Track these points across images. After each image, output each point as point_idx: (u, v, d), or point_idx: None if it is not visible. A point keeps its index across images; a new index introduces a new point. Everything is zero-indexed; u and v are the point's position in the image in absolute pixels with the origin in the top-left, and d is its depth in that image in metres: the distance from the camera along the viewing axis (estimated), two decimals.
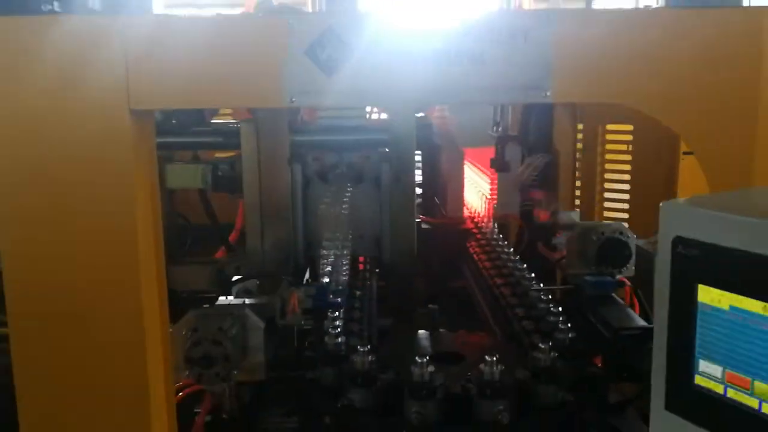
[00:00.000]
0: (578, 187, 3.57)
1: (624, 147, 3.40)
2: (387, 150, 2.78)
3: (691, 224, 1.07)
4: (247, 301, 2.35)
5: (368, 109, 3.33)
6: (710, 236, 1.04)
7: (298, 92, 1.45)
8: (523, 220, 3.46)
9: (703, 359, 1.07)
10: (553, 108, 3.36)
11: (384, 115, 3.37)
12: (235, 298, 2.43)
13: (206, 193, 3.05)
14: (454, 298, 3.10)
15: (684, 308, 1.08)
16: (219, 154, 3.05)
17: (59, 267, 1.48)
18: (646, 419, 1.54)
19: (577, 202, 3.58)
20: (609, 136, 3.45)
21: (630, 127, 3.30)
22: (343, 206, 2.64)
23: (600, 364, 2.15)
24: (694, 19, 1.44)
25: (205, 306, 2.22)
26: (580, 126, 3.50)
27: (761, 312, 0.98)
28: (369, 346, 1.92)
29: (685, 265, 1.07)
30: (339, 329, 2.07)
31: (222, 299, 2.34)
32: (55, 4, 1.66)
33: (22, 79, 1.43)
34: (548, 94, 1.44)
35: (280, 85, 1.44)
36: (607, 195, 3.60)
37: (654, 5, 1.81)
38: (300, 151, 2.78)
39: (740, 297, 1.00)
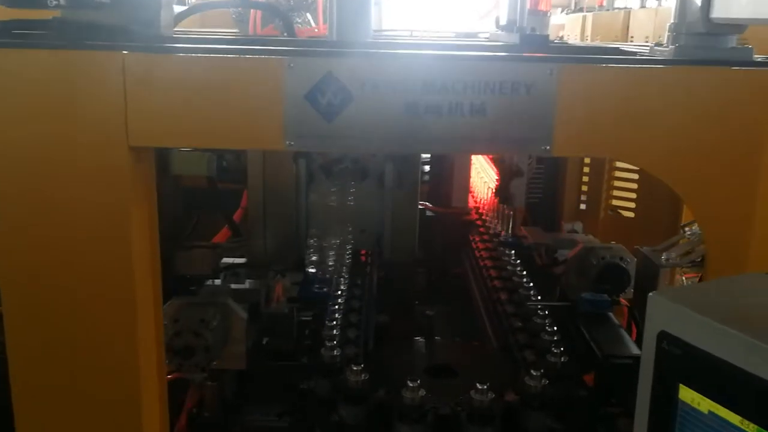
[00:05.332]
0: (585, 182, 3.56)
1: None
2: None
3: (676, 322, 1.07)
4: (232, 286, 2.36)
5: None
6: (693, 338, 1.04)
7: (296, 136, 1.44)
8: (528, 212, 3.46)
9: None
10: None
11: None
12: (222, 281, 2.43)
13: (215, 180, 3.04)
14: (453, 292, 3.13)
15: (665, 402, 1.09)
16: None
17: (58, 302, 1.51)
18: None
19: (584, 196, 3.57)
20: None
21: None
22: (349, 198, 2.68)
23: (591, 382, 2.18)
24: (699, 77, 1.41)
25: (188, 295, 2.21)
26: None
27: (738, 425, 0.99)
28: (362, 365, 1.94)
29: (669, 362, 1.08)
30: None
31: (209, 282, 2.32)
32: None
33: (19, 113, 1.43)
34: (548, 148, 1.43)
35: (279, 127, 1.44)
36: (615, 184, 3.58)
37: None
38: None
39: (719, 405, 1.01)
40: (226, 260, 2.42)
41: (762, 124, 1.40)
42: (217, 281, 2.47)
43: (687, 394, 1.05)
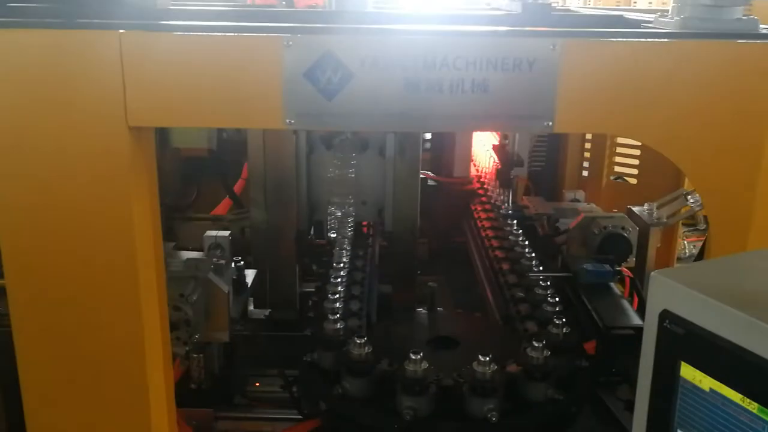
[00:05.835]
0: (588, 149, 3.54)
1: None
2: None
3: (678, 301, 1.07)
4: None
5: None
6: (696, 317, 1.04)
7: (296, 114, 1.43)
8: (531, 182, 3.46)
9: (681, 430, 1.09)
10: None
11: None
12: (205, 253, 2.39)
13: (216, 152, 3.03)
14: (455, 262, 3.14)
15: (666, 380, 1.09)
16: None
17: (61, 284, 1.51)
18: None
19: (586, 163, 3.56)
20: None
21: None
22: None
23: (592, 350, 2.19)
24: (704, 52, 1.39)
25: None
26: None
27: (740, 402, 0.99)
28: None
29: (671, 341, 1.08)
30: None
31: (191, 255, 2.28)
32: None
33: (18, 94, 1.42)
34: (550, 124, 1.42)
35: (279, 106, 1.42)
36: (618, 150, 3.56)
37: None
38: None
39: (720, 383, 1.02)
40: (209, 233, 2.38)
41: (765, 97, 1.39)
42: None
43: (689, 372, 1.06)
